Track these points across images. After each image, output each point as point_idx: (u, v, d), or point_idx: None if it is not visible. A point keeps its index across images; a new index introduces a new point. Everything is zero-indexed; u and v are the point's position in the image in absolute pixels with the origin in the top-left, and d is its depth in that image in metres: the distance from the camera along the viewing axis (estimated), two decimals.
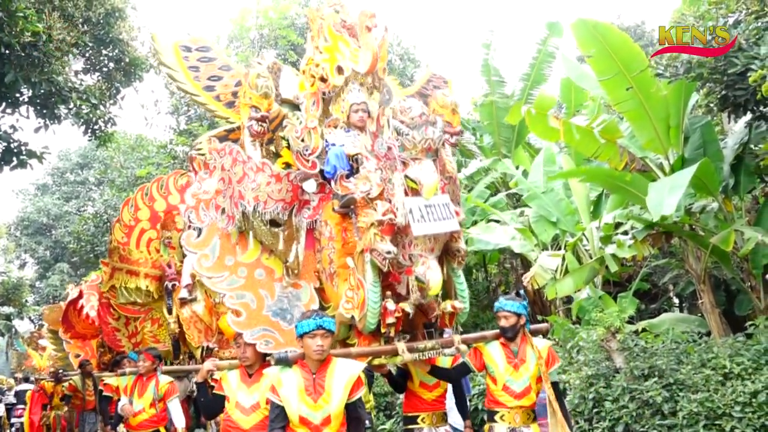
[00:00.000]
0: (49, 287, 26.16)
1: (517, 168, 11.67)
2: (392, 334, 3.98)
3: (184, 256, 7.29)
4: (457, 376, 4.72)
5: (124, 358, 7.22)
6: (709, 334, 8.03)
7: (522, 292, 4.72)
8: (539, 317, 9.85)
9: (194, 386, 7.09)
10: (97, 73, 10.70)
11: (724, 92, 6.27)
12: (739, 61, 5.93)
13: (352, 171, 4.18)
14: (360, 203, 3.97)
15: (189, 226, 4.29)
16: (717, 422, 5.83)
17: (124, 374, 6.46)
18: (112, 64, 10.61)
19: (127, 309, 7.44)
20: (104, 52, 10.43)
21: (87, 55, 10.49)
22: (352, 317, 4.01)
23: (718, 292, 9.51)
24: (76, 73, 10.38)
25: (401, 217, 3.80)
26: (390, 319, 3.91)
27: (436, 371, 4.56)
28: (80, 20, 9.65)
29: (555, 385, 4.38)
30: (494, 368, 4.31)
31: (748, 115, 7.14)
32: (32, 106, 9.35)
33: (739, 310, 9.22)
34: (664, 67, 6.61)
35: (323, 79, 4.51)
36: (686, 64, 6.32)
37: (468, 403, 5.70)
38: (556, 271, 9.74)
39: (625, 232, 8.76)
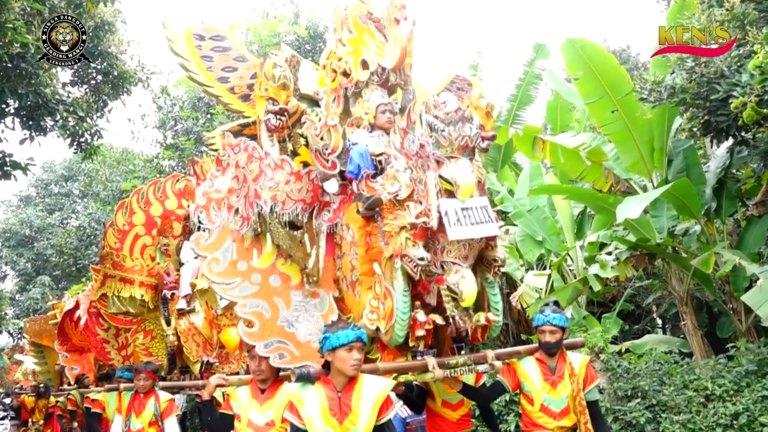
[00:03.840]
0: (30, 300, 25.72)
1: (502, 186, 11.75)
2: (421, 348, 3.66)
3: (180, 264, 7.08)
4: (492, 396, 4.33)
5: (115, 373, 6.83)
6: (691, 355, 8.09)
7: (559, 302, 4.41)
8: (524, 336, 9.87)
9: (185, 404, 6.91)
10: (85, 86, 10.65)
11: (706, 117, 6.37)
12: (721, 87, 6.04)
13: (377, 172, 3.87)
14: (387, 205, 3.68)
15: (198, 228, 3.96)
16: None
17: (115, 389, 6.15)
18: (100, 77, 10.56)
19: (118, 320, 7.05)
20: (92, 64, 10.39)
21: (75, 67, 10.45)
22: (377, 329, 3.69)
23: (700, 314, 9.59)
24: (64, 85, 10.31)
25: (435, 220, 3.47)
26: (420, 332, 3.58)
27: (467, 391, 4.13)
28: None
29: (595, 404, 3.97)
30: (530, 386, 3.92)
31: (730, 140, 7.27)
32: (18, 118, 9.28)
33: (721, 332, 9.29)
34: (648, 91, 6.72)
35: (346, 74, 4.17)
36: (669, 89, 6.44)
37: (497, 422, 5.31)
38: (542, 290, 9.79)
39: (609, 253, 8.84)
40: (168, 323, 6.97)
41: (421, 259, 3.48)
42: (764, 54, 5.55)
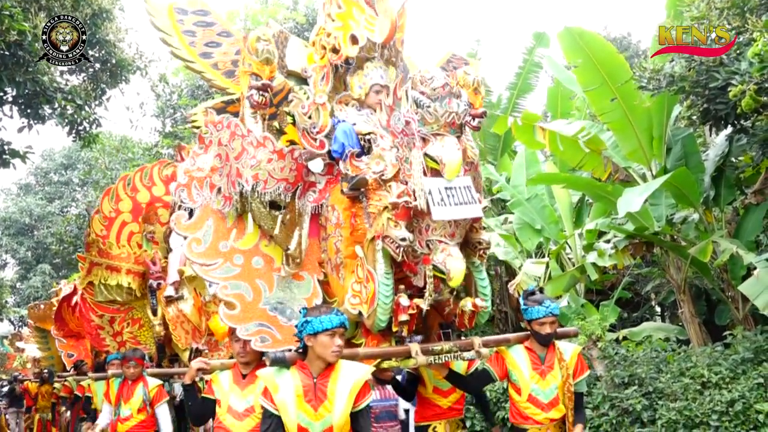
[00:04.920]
0: (30, 288, 25.82)
1: (501, 175, 11.74)
2: (405, 333, 3.55)
3: (168, 251, 6.93)
4: (478, 385, 4.24)
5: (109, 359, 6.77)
6: (688, 342, 8.13)
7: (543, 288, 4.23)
8: (523, 324, 9.90)
9: (177, 390, 6.89)
10: (83, 74, 10.61)
11: (705, 106, 6.36)
12: (720, 75, 6.02)
13: (363, 151, 3.76)
14: (372, 185, 3.54)
15: (179, 207, 3.82)
16: (695, 430, 5.92)
17: (102, 378, 6.16)
18: (98, 65, 10.53)
19: (104, 308, 6.98)
20: (90, 52, 10.35)
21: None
22: (360, 313, 3.58)
23: (699, 302, 9.63)
24: (62, 73, 10.27)
25: (422, 200, 3.35)
26: (403, 317, 3.45)
27: (454, 378, 4.05)
28: None
29: (579, 396, 3.84)
30: (518, 375, 3.79)
31: (729, 128, 7.26)
32: (16, 106, 9.26)
33: (719, 320, 9.34)
34: (647, 80, 6.70)
35: (335, 50, 4.03)
36: (668, 77, 6.42)
37: (490, 410, 5.25)
38: (540, 278, 9.82)
39: (608, 241, 8.86)
40: (155, 313, 6.88)
41: (403, 239, 3.35)
42: (763, 42, 5.53)
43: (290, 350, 3.14)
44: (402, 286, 3.56)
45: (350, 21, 4.03)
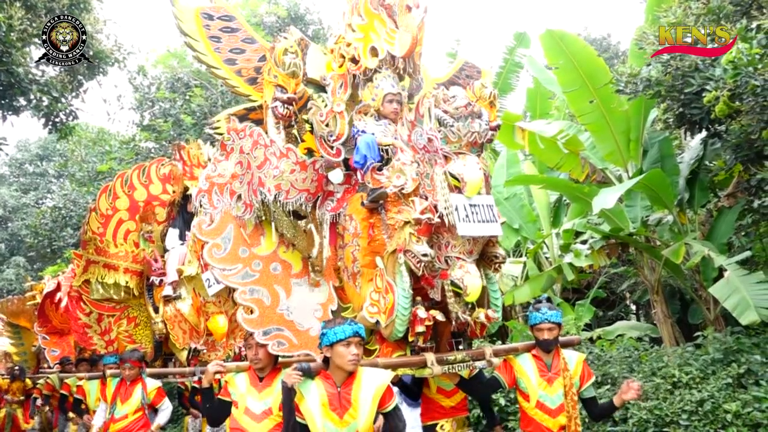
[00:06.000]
0: (4, 281, 25.39)
1: None
2: (421, 343, 3.66)
3: (165, 250, 6.98)
4: (487, 391, 4.32)
5: (101, 358, 6.73)
6: (661, 341, 8.27)
7: (550, 298, 4.37)
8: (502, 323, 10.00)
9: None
10: (60, 66, 10.46)
11: (680, 110, 6.46)
12: (695, 81, 6.12)
13: (383, 162, 3.85)
14: (391, 198, 3.66)
15: (199, 211, 3.93)
16: (665, 429, 6.01)
17: (97, 377, 6.12)
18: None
19: (101, 306, 6.92)
20: None
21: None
22: (377, 322, 3.70)
23: (673, 301, 9.80)
24: (38, 64, 10.12)
25: (447, 217, 3.47)
26: (420, 328, 3.58)
27: (464, 385, 4.15)
28: (43, 10, 9.41)
29: (593, 400, 3.99)
30: (526, 383, 3.90)
31: (704, 132, 7.38)
32: None
33: (692, 319, 9.52)
34: (625, 83, 6.79)
35: (354, 60, 4.14)
36: (645, 81, 6.50)
37: (493, 410, 5.29)
38: (517, 278, 9.91)
39: (584, 242, 8.96)
40: (156, 311, 6.86)
41: (425, 255, 3.49)
42: (737, 49, 5.63)
43: (314, 361, 3.27)
44: (419, 298, 3.68)
45: (371, 33, 4.14)
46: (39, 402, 9.18)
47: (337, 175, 4.07)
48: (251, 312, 3.72)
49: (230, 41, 4.46)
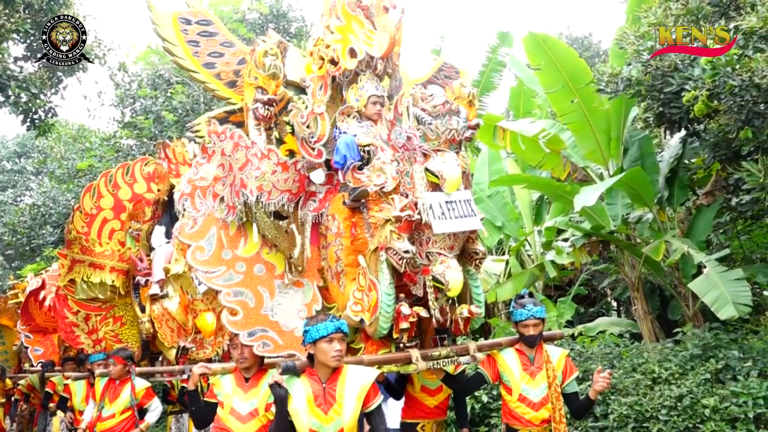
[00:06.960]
0: None
1: None
2: (405, 340, 3.71)
3: (151, 249, 6.97)
4: (472, 387, 4.38)
5: (87, 358, 6.68)
6: (641, 337, 8.38)
7: (533, 293, 4.40)
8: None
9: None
10: (38, 62, 10.32)
11: (660, 109, 6.53)
12: (675, 81, 6.20)
13: (364, 162, 3.89)
14: (372, 197, 3.71)
15: (182, 215, 3.91)
16: (645, 425, 6.10)
17: (84, 377, 6.08)
18: None
19: (86, 306, 6.85)
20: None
21: (28, 41, 10.10)
22: (361, 321, 3.73)
23: (653, 297, 9.92)
24: (16, 60, 9.99)
25: (425, 214, 3.52)
26: (404, 325, 3.62)
27: (449, 381, 4.17)
28: (21, 5, 9.30)
29: (575, 395, 4.01)
30: (509, 376, 3.94)
31: (683, 131, 7.49)
32: None
33: (672, 315, 9.65)
34: (606, 83, 6.85)
35: (333, 62, 4.19)
36: (626, 81, 6.57)
37: (467, 410, 5.34)
38: (500, 275, 9.98)
39: (566, 240, 9.04)
40: (143, 310, 6.82)
41: (406, 251, 3.53)
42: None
43: (299, 359, 3.27)
44: (402, 295, 3.70)
45: (349, 34, 4.18)
46: (23, 407, 9.06)
47: (318, 176, 4.13)
48: (236, 314, 3.74)
49: (208, 45, 4.51)
